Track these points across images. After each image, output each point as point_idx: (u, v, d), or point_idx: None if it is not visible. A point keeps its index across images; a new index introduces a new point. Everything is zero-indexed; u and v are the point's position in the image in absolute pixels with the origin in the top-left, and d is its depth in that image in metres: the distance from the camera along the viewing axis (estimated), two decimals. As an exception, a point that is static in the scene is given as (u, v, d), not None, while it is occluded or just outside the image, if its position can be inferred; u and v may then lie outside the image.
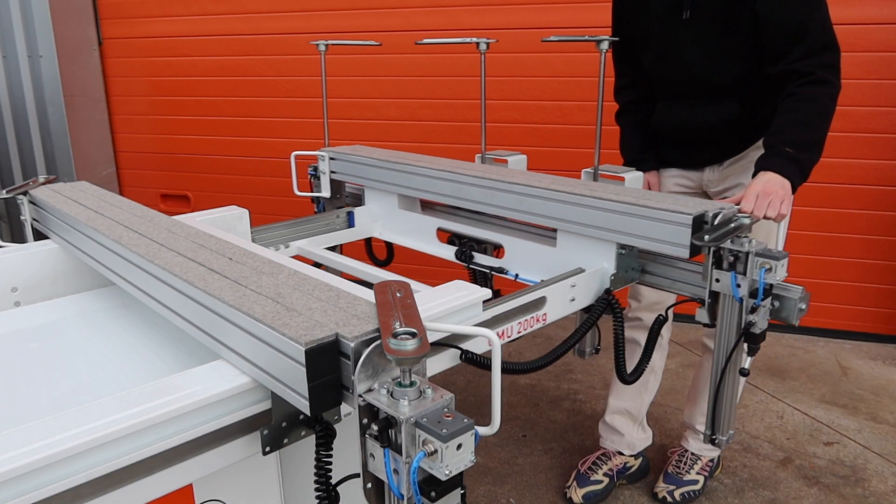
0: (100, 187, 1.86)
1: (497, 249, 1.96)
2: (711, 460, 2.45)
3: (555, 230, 1.75)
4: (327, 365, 0.92)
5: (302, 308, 1.02)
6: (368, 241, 2.25)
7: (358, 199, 2.28)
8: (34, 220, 1.84)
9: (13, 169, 4.57)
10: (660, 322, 1.71)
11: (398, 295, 1.06)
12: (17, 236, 1.89)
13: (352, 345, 0.91)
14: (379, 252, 2.31)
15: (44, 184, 1.88)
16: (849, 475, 2.52)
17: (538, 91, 3.79)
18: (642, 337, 2.12)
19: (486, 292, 1.29)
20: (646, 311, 2.28)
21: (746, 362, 1.53)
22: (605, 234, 1.61)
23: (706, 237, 1.42)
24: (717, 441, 1.63)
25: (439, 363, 1.23)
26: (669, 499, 2.37)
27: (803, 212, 3.45)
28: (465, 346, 1.24)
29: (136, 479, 0.90)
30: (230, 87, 4.40)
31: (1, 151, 4.51)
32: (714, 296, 1.51)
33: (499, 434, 2.77)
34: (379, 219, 2.20)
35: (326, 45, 2.25)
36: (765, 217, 1.63)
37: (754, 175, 1.75)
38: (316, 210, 2.29)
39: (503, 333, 1.39)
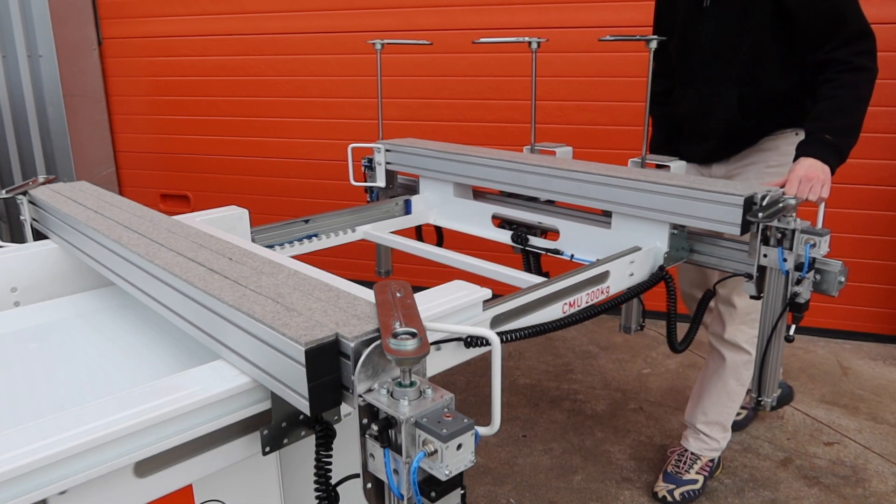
0: (100, 187, 1.86)
1: (546, 233, 2.12)
2: (711, 460, 2.45)
3: (609, 213, 1.89)
4: (327, 365, 0.92)
5: (302, 308, 1.02)
6: (419, 228, 2.41)
7: (408, 189, 2.43)
8: (34, 220, 1.84)
9: (13, 169, 4.57)
10: (707, 296, 1.88)
11: (398, 295, 1.06)
12: (17, 236, 1.90)
13: (352, 345, 0.91)
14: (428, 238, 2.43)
15: (43, 184, 1.87)
16: (849, 475, 2.52)
17: (540, 91, 3.79)
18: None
19: (487, 292, 1.29)
20: (683, 290, 2.44)
21: (791, 329, 1.67)
22: (659, 216, 1.75)
23: (760, 215, 1.57)
24: (762, 403, 1.77)
25: (439, 363, 1.23)
26: (669, 498, 2.37)
27: (804, 212, 3.44)
28: (472, 351, 1.24)
29: (136, 478, 0.90)
30: (230, 87, 4.40)
31: (1, 151, 4.51)
32: (761, 270, 1.66)
33: (499, 434, 2.77)
34: (434, 206, 2.36)
35: (382, 44, 2.36)
36: (806, 200, 1.77)
37: (795, 159, 1.87)
38: (369, 199, 2.44)
39: (573, 303, 1.53)
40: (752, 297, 1.71)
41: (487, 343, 1.20)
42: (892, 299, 3.56)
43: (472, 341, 1.24)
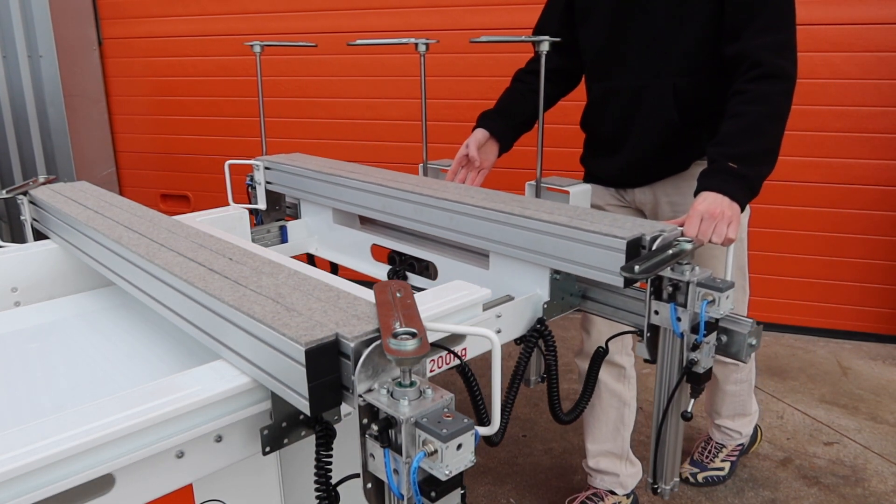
0: (100, 187, 1.86)
1: (429, 268, 1.85)
2: (740, 445, 2.49)
3: (487, 252, 1.59)
4: (327, 365, 0.92)
5: (302, 308, 1.02)
6: (311, 258, 2.09)
7: (296, 214, 2.16)
8: (34, 220, 1.84)
9: (13, 169, 4.56)
10: (599, 355, 1.59)
11: (398, 295, 1.06)
12: (17, 236, 1.90)
13: (352, 345, 0.91)
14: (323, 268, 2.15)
15: (44, 184, 1.88)
16: (849, 475, 2.52)
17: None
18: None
19: (487, 292, 1.29)
20: (597, 345, 1.81)
21: (690, 405, 1.35)
22: (537, 258, 1.45)
23: (636, 267, 1.21)
24: (659, 490, 1.46)
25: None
26: (692, 480, 2.43)
27: (804, 212, 3.45)
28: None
29: (136, 479, 0.90)
30: (230, 87, 4.39)
31: (1, 151, 4.51)
32: (654, 329, 1.35)
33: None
34: (315, 233, 2.06)
35: (262, 46, 2.13)
36: (710, 242, 1.43)
37: (696, 193, 1.52)
38: (255, 223, 2.13)
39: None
40: (646, 361, 1.39)
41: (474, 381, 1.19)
42: (892, 299, 3.56)
43: (464, 372, 1.20)
